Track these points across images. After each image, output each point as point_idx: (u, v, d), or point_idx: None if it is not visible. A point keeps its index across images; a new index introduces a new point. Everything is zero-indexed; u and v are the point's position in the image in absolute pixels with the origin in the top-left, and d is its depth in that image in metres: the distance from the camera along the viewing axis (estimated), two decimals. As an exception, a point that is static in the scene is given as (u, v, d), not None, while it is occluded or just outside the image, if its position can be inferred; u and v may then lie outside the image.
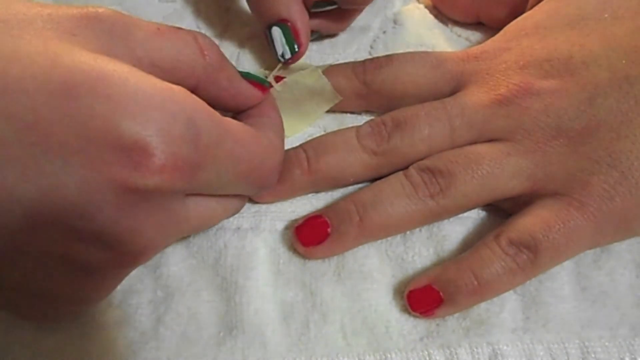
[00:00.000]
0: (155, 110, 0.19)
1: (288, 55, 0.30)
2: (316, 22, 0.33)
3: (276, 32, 0.30)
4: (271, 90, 0.31)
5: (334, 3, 0.31)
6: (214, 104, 0.23)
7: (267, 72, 0.32)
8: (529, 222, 0.25)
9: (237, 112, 0.27)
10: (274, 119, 0.27)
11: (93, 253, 0.19)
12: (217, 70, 0.24)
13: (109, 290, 0.23)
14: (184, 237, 0.27)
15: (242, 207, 0.27)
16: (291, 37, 0.30)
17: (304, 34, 0.30)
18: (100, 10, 0.21)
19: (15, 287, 0.20)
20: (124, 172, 0.18)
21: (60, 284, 0.20)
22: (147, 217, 0.20)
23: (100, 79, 0.18)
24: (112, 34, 0.21)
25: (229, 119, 0.23)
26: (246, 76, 0.26)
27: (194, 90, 0.22)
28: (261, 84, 0.27)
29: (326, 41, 0.36)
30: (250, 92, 0.26)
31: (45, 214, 0.18)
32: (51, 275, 0.20)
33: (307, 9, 0.31)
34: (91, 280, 0.21)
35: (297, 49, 0.30)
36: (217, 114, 0.22)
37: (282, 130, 0.27)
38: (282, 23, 0.30)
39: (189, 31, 0.24)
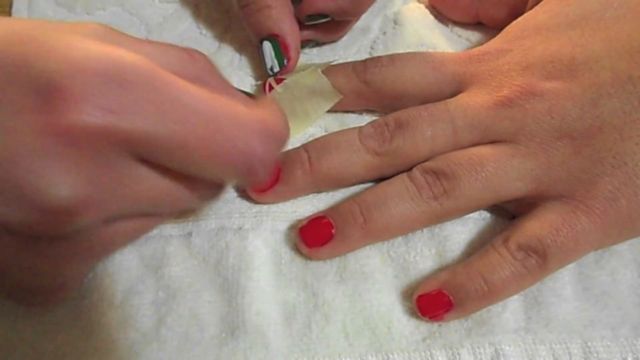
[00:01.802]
0: (71, 49, 0.18)
1: (277, 69, 0.31)
2: (311, 33, 0.33)
3: (266, 46, 0.31)
4: (272, 92, 0.31)
5: (328, 16, 0.32)
6: None
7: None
8: (536, 227, 0.25)
9: None
10: (269, 105, 0.24)
11: (23, 217, 0.18)
12: (207, 73, 0.23)
13: (67, 271, 0.22)
14: (184, 237, 0.27)
15: (217, 195, 0.24)
16: (280, 51, 0.31)
17: (293, 48, 0.31)
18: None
19: None
20: (40, 112, 0.18)
21: (12, 266, 0.20)
22: (76, 168, 0.18)
23: (24, 33, 0.18)
24: (105, 37, 0.20)
25: (176, 77, 0.20)
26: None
27: None
28: (250, 96, 0.26)
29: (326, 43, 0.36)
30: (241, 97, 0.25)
31: None
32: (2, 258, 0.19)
33: (301, 21, 0.32)
34: (39, 257, 0.20)
35: (285, 63, 0.31)
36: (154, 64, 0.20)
37: (281, 118, 0.23)
38: (273, 38, 0.31)
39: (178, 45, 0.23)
